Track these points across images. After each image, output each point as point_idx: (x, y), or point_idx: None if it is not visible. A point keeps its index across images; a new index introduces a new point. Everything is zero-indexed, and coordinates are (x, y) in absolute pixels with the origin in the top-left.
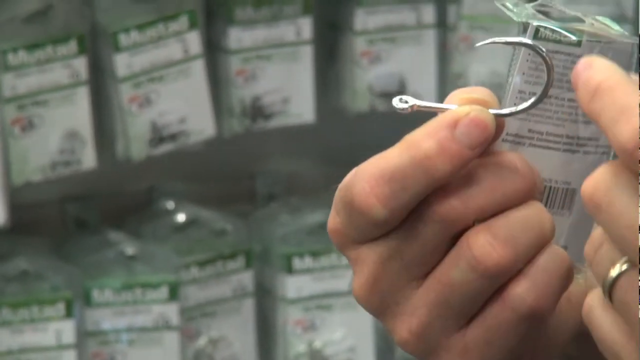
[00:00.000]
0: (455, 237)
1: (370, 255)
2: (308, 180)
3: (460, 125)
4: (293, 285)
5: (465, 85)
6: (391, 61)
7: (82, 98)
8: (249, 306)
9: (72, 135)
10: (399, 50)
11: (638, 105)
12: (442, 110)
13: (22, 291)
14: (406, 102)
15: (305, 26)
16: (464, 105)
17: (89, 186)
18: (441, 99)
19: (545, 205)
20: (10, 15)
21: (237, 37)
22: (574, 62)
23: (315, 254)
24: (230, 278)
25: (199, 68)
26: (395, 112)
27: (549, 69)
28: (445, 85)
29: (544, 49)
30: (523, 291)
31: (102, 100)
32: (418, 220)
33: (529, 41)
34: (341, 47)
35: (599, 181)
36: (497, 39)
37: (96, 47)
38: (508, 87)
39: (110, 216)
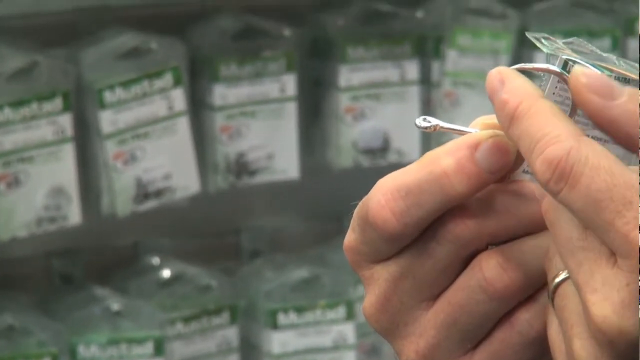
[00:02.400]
0: (467, 261)
1: (382, 274)
2: (293, 236)
3: (481, 148)
4: (278, 341)
5: (450, 140)
6: (375, 117)
7: (68, 154)
8: None
9: (57, 192)
10: (383, 106)
11: (552, 132)
12: (465, 132)
13: (8, 346)
14: (429, 122)
15: (289, 83)
16: (487, 130)
17: (75, 242)
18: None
19: None
20: None
21: (221, 93)
22: None
23: (299, 310)
24: (215, 333)
25: (183, 125)
26: (379, 168)
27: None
28: (429, 141)
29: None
30: (531, 316)
31: (87, 157)
32: (431, 239)
33: (557, 68)
34: (325, 104)
35: (551, 199)
36: (525, 65)
37: (81, 104)
38: None
39: (95, 272)
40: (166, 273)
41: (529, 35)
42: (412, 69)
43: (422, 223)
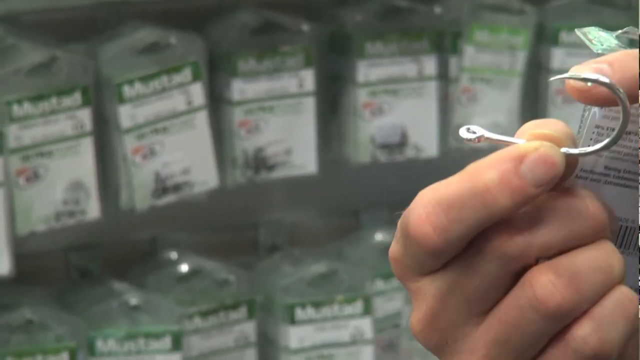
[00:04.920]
0: (518, 273)
1: (430, 288)
2: (310, 230)
3: (527, 161)
4: (295, 336)
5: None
6: (393, 113)
7: (87, 149)
8: (251, 356)
9: (76, 186)
10: (400, 102)
11: None
12: (510, 143)
13: (27, 341)
14: (474, 132)
15: (308, 78)
16: (534, 141)
17: (93, 236)
18: (443, 151)
19: (620, 246)
20: (15, 67)
21: (240, 88)
22: None
23: (317, 305)
24: (233, 328)
25: (202, 119)
26: (397, 164)
27: (625, 109)
28: (446, 136)
29: (621, 89)
30: (587, 333)
31: (106, 151)
32: (477, 254)
33: (606, 79)
34: (343, 99)
35: None
36: (573, 75)
37: (100, 98)
38: (584, 122)
39: (113, 266)
40: (184, 268)
41: (577, 32)
42: (430, 65)
43: (465, 238)
